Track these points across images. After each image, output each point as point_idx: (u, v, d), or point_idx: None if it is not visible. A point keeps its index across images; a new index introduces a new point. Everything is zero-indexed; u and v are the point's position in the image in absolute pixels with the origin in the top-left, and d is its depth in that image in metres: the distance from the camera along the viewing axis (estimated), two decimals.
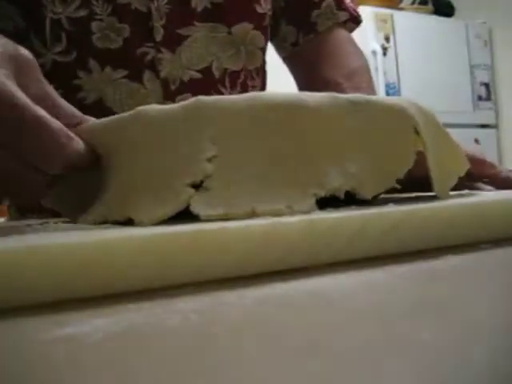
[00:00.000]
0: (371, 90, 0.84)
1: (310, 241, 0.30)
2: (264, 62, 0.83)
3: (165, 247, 0.26)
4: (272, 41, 0.85)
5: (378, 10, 3.15)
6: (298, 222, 0.29)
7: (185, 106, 0.37)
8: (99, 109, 0.67)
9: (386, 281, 0.28)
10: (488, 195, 0.44)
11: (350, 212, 0.32)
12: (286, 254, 0.29)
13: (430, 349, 0.17)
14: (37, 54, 0.59)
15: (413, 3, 3.59)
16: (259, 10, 0.77)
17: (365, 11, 3.13)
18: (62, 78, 0.67)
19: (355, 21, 0.87)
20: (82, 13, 0.67)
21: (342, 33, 0.86)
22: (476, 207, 0.36)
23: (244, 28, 0.75)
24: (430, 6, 3.57)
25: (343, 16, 0.85)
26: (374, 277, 0.28)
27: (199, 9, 0.72)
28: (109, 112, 0.67)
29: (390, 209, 0.33)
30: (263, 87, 0.84)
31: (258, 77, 0.81)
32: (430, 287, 0.26)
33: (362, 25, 0.91)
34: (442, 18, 3.54)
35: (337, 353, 0.17)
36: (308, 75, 0.85)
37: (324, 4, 0.83)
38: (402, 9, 3.44)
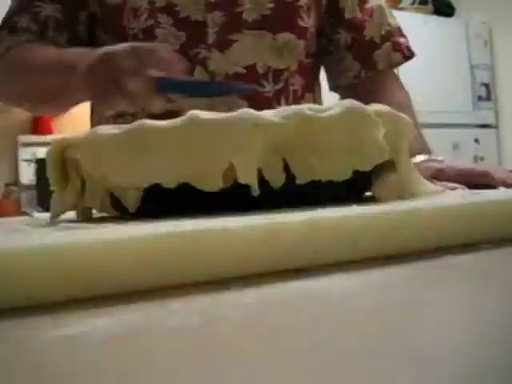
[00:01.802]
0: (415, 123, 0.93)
1: (310, 241, 0.30)
2: (315, 64, 0.96)
3: (165, 247, 0.26)
4: (334, 69, 0.98)
5: None
6: (299, 222, 0.29)
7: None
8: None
9: (386, 281, 0.28)
10: (488, 195, 0.44)
11: (351, 212, 0.32)
12: (286, 254, 0.29)
13: (430, 349, 0.17)
14: None
15: (413, 3, 3.59)
16: (302, 23, 0.89)
17: None
18: None
19: (407, 58, 0.99)
20: (149, 23, 0.83)
21: (392, 72, 0.99)
22: (476, 207, 0.36)
23: (287, 37, 0.87)
24: (430, 6, 3.57)
25: (397, 58, 0.97)
26: (374, 277, 0.28)
27: (250, 19, 0.85)
28: (166, 99, 0.78)
29: (391, 209, 0.33)
30: (310, 85, 0.95)
31: (304, 76, 0.92)
32: (429, 287, 0.26)
33: None
34: (441, 18, 3.54)
35: (337, 353, 0.17)
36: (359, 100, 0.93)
37: (384, 45, 0.96)
38: (402, 9, 3.44)
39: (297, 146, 0.38)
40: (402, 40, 0.98)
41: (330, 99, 0.91)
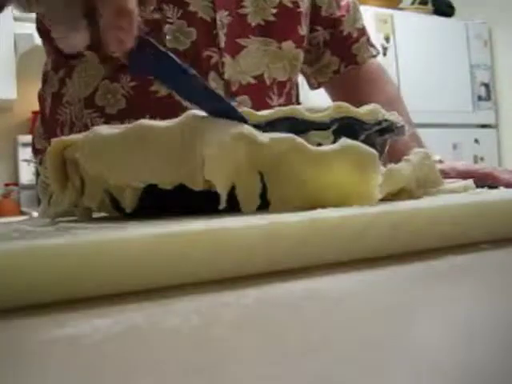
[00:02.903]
0: (408, 118, 0.94)
1: (310, 241, 0.30)
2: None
3: (165, 247, 0.26)
4: (312, 67, 0.97)
5: (378, 10, 3.15)
6: (299, 222, 0.29)
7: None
8: (169, 102, 0.75)
9: (386, 281, 0.28)
10: (488, 195, 0.44)
11: (351, 212, 0.32)
12: (286, 254, 0.29)
13: (430, 349, 0.17)
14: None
15: (413, 3, 3.59)
16: (301, 32, 0.87)
17: (365, 11, 3.12)
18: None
19: (377, 55, 1.02)
20: (156, 16, 0.77)
21: (375, 63, 1.00)
22: (476, 207, 0.36)
23: (290, 46, 0.86)
24: (430, 6, 3.57)
25: (374, 51, 0.99)
26: (374, 277, 0.28)
27: (253, 24, 0.82)
28: (177, 104, 0.74)
29: (391, 209, 0.33)
30: (297, 98, 0.95)
31: (296, 88, 0.92)
32: (429, 287, 0.26)
33: None
34: (441, 18, 3.53)
35: (337, 353, 0.17)
36: (348, 98, 0.91)
37: (361, 39, 0.97)
38: (402, 9, 3.44)
39: (276, 171, 0.37)
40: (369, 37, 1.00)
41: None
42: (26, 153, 2.84)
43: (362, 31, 0.98)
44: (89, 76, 0.81)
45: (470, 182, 0.50)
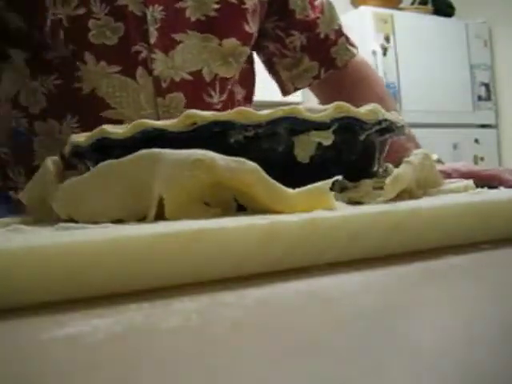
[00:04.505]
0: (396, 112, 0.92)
1: (310, 241, 0.30)
2: (251, 73, 0.91)
3: (164, 247, 0.26)
4: (290, 71, 0.94)
5: (377, 10, 3.15)
6: (299, 222, 0.29)
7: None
8: (93, 99, 0.73)
9: (386, 281, 0.28)
10: (488, 195, 0.44)
11: (351, 212, 0.32)
12: (286, 254, 0.29)
13: (430, 349, 0.17)
14: (42, 49, 0.72)
15: (413, 3, 3.59)
16: (247, 29, 0.83)
17: (365, 11, 3.13)
18: (62, 69, 0.74)
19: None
20: (80, 11, 0.73)
21: (358, 60, 0.96)
22: (476, 207, 0.36)
23: (233, 43, 0.81)
24: (430, 6, 3.57)
25: (354, 50, 0.95)
26: (374, 277, 0.28)
27: (193, 19, 0.78)
28: (101, 102, 0.73)
29: (391, 209, 0.33)
30: (249, 95, 0.91)
31: (244, 86, 0.88)
32: (429, 287, 0.26)
33: (362, 25, 0.97)
34: (441, 18, 3.53)
35: (337, 353, 0.17)
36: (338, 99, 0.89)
37: (339, 41, 0.93)
38: (402, 9, 3.44)
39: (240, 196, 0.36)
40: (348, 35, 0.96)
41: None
42: None
43: (340, 32, 0.94)
44: (15, 76, 0.79)
45: (470, 182, 0.50)
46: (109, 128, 0.44)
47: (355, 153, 0.45)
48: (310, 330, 0.20)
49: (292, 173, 0.41)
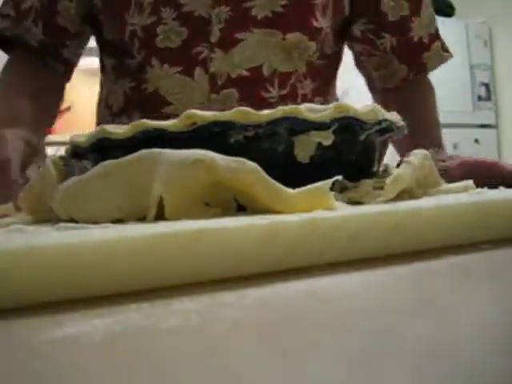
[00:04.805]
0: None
1: (310, 241, 0.30)
2: (328, 67, 0.90)
3: (164, 247, 0.26)
4: (379, 71, 0.93)
5: None
6: (299, 222, 0.29)
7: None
8: (155, 97, 0.80)
9: (386, 281, 0.28)
10: (488, 195, 0.44)
11: (351, 212, 0.32)
12: (286, 254, 0.29)
13: (430, 349, 0.17)
14: (123, 56, 0.84)
15: None
16: (315, 24, 0.83)
17: None
18: (135, 73, 0.83)
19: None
20: (152, 19, 0.80)
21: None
22: (476, 207, 0.36)
23: (297, 37, 0.82)
24: None
25: (448, 57, 0.94)
26: (374, 277, 0.28)
27: (259, 17, 0.80)
28: (162, 100, 0.80)
29: (391, 209, 0.33)
30: (322, 88, 0.88)
31: (314, 80, 0.86)
32: (430, 287, 0.26)
33: None
34: (441, 18, 3.53)
35: (337, 353, 0.17)
36: (411, 111, 0.89)
37: (433, 46, 0.91)
38: None
39: (239, 196, 0.36)
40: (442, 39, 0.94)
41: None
42: None
43: (435, 36, 0.91)
44: (106, 80, 0.90)
45: (470, 182, 0.50)
46: (109, 128, 0.44)
47: (355, 153, 0.45)
48: (310, 330, 0.20)
49: (292, 173, 0.41)
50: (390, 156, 0.65)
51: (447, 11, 3.63)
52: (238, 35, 0.79)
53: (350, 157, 0.45)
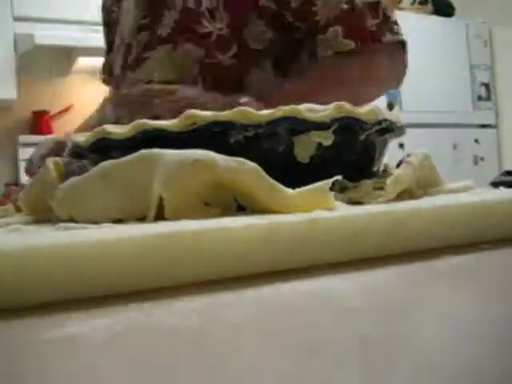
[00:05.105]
0: None
1: (310, 241, 0.30)
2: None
3: (165, 247, 0.26)
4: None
5: None
6: (299, 222, 0.29)
7: None
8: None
9: (386, 281, 0.28)
10: (488, 195, 0.44)
11: (351, 212, 0.32)
12: (286, 254, 0.29)
13: (430, 349, 0.17)
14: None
15: (413, 3, 3.59)
16: (201, 30, 0.83)
17: None
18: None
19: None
20: None
21: None
22: (476, 207, 0.36)
23: (186, 48, 0.83)
24: (430, 6, 3.57)
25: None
26: (374, 277, 0.28)
27: (164, 35, 0.84)
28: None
29: (391, 209, 0.33)
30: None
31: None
32: (429, 287, 0.26)
33: None
34: (441, 18, 3.54)
35: (337, 353, 0.17)
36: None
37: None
38: (401, 9, 3.44)
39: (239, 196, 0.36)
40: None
41: None
42: (26, 153, 2.84)
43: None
44: None
45: (470, 182, 0.50)
46: (109, 128, 0.44)
47: (355, 153, 0.45)
48: (310, 330, 0.20)
49: (292, 173, 0.41)
50: (390, 156, 0.66)
51: (447, 11, 3.63)
52: (144, 55, 0.84)
53: (350, 157, 0.45)
